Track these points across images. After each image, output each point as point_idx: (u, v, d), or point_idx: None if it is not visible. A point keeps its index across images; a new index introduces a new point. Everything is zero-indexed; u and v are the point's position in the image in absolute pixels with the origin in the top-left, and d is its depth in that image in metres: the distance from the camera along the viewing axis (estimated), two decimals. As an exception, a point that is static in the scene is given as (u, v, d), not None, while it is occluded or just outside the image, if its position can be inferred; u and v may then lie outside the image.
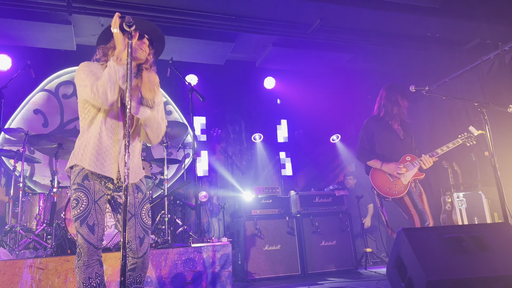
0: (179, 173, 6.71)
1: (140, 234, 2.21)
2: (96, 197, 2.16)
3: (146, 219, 2.27)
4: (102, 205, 2.19)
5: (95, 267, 2.11)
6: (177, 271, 3.54)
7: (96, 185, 2.18)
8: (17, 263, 3.19)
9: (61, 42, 5.78)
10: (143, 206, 2.28)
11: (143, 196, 2.31)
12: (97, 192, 2.17)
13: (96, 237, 2.10)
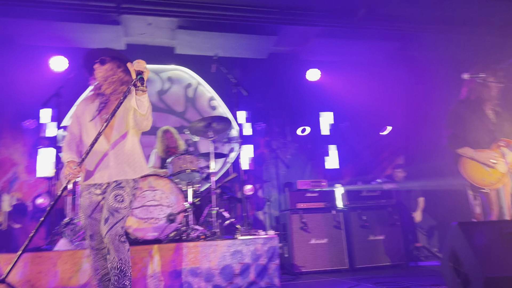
0: (225, 167, 6.81)
1: (106, 214, 2.54)
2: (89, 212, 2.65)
3: (111, 200, 2.56)
4: (97, 215, 2.64)
5: (100, 262, 2.66)
6: (226, 263, 3.61)
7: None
8: (77, 253, 3.39)
9: (111, 42, 6.01)
10: (112, 191, 2.58)
11: (117, 183, 2.61)
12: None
13: (95, 243, 2.65)
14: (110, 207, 2.54)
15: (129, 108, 2.69)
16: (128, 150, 2.71)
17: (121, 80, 2.80)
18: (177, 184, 4.11)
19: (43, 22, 5.39)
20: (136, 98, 2.59)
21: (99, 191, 2.67)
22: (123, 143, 2.70)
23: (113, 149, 2.68)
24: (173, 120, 6.73)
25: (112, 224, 2.51)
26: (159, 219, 3.94)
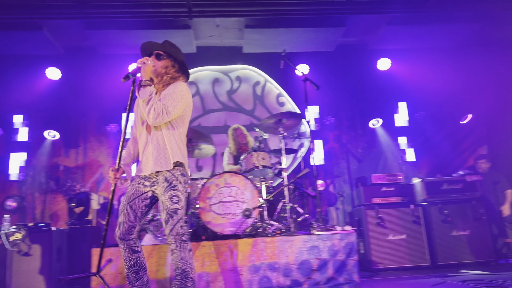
0: (295, 163, 6.81)
1: (165, 217, 2.60)
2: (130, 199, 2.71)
3: (168, 203, 2.60)
4: (136, 205, 2.70)
5: (128, 253, 2.68)
6: (303, 258, 3.62)
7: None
8: (162, 248, 3.59)
9: (182, 46, 6.16)
10: (166, 193, 2.62)
11: (168, 184, 2.64)
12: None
13: (121, 232, 2.67)
14: (168, 208, 2.59)
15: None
16: (163, 142, 2.73)
17: (174, 78, 2.82)
18: (251, 181, 4.19)
19: (122, 32, 5.76)
20: (140, 91, 2.68)
21: (148, 183, 2.72)
22: (159, 135, 2.73)
23: (152, 142, 2.72)
24: (243, 119, 6.86)
25: (173, 225, 2.59)
26: (235, 214, 4.04)
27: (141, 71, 2.67)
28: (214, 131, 6.83)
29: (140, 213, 2.71)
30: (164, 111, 2.60)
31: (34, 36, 5.71)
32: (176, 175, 2.66)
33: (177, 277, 2.56)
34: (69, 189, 6.63)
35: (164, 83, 2.78)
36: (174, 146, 2.71)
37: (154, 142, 2.71)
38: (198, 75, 7.02)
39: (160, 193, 2.67)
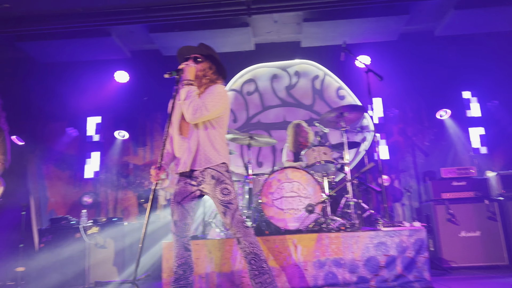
0: (358, 157, 6.64)
1: (222, 209, 2.68)
2: (179, 199, 2.80)
3: (220, 196, 2.69)
4: (186, 204, 2.80)
5: (180, 250, 2.78)
6: (369, 254, 3.52)
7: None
8: (228, 242, 3.67)
9: (241, 44, 6.36)
10: (217, 188, 2.71)
11: (216, 180, 2.72)
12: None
13: (177, 229, 2.78)
14: (223, 201, 2.67)
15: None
16: (204, 142, 2.78)
17: (212, 80, 2.88)
18: (313, 176, 4.15)
19: (182, 34, 5.95)
20: (181, 90, 2.75)
21: (195, 182, 2.79)
22: (199, 135, 2.78)
23: (192, 141, 2.78)
24: (302, 114, 6.81)
25: (232, 214, 2.66)
26: (298, 209, 4.03)
27: (184, 72, 2.77)
28: (273, 127, 6.85)
29: (191, 211, 2.83)
30: (202, 108, 2.66)
31: (104, 42, 6.07)
32: (221, 172, 2.75)
33: (251, 261, 2.61)
34: (138, 185, 6.99)
35: (203, 86, 2.85)
36: (215, 145, 2.78)
37: (194, 141, 2.78)
38: (257, 72, 7.07)
39: (209, 190, 2.74)
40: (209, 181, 2.73)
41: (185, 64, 2.78)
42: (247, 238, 2.64)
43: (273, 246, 3.61)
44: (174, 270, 2.80)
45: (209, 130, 2.78)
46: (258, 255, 2.63)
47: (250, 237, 2.66)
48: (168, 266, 3.65)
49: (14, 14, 5.24)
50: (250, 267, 2.62)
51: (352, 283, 3.46)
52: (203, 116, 2.68)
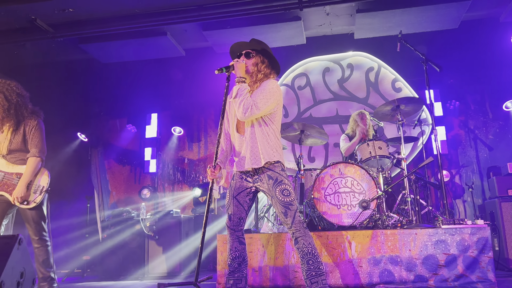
0: (415, 152, 6.39)
1: (282, 209, 2.68)
2: (235, 193, 2.85)
3: (280, 196, 2.69)
4: (241, 199, 2.84)
5: (235, 243, 2.84)
6: (428, 252, 3.39)
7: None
8: (281, 236, 3.69)
9: (292, 38, 6.32)
10: (276, 188, 2.71)
11: (274, 180, 2.72)
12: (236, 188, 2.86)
13: (232, 223, 2.83)
14: (283, 201, 2.68)
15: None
16: (257, 139, 2.78)
17: (265, 74, 2.87)
18: (367, 171, 4.05)
19: (234, 30, 6.02)
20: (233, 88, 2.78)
21: (250, 179, 2.83)
22: (252, 132, 2.80)
23: (246, 139, 2.81)
24: (355, 107, 6.66)
25: (293, 215, 2.67)
26: (352, 205, 3.96)
27: (235, 69, 2.81)
28: (326, 122, 6.76)
29: (246, 206, 2.87)
30: (253, 106, 2.67)
31: (159, 41, 6.29)
32: (277, 171, 2.75)
33: (309, 261, 2.63)
34: (193, 180, 7.20)
35: (256, 81, 2.85)
36: (269, 142, 2.78)
37: (248, 139, 2.80)
38: (308, 66, 6.99)
39: (266, 189, 2.76)
40: (266, 180, 2.75)
41: (236, 60, 2.82)
42: (306, 239, 2.66)
43: (327, 242, 3.58)
44: (228, 263, 2.86)
45: (262, 127, 2.80)
46: (316, 256, 2.65)
47: (309, 237, 2.68)
48: (222, 259, 3.73)
49: (77, 18, 5.57)
50: (307, 267, 2.63)
51: (409, 282, 3.35)
52: (254, 114, 2.69)
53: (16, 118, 3.47)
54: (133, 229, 5.49)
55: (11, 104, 3.44)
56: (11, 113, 3.44)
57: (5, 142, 3.47)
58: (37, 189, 3.43)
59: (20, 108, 3.49)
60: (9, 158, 3.47)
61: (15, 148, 3.47)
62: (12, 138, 3.47)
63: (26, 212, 3.41)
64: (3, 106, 3.41)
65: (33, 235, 3.43)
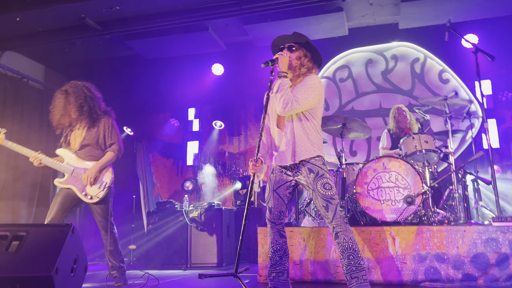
0: (464, 146, 6.13)
1: (323, 203, 2.66)
2: (275, 187, 2.86)
3: (322, 190, 2.67)
4: (281, 192, 2.84)
5: (276, 236, 2.85)
6: (477, 251, 3.25)
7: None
8: (322, 230, 3.67)
9: (334, 30, 6.21)
10: (318, 182, 2.69)
11: (315, 174, 2.71)
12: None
13: (272, 216, 2.85)
14: (325, 195, 2.66)
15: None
16: (298, 134, 2.76)
17: (308, 68, 2.83)
18: (413, 165, 3.93)
19: (274, 23, 5.99)
20: (274, 82, 2.74)
21: (290, 173, 2.82)
22: (294, 127, 2.77)
23: (286, 134, 2.79)
24: (400, 99, 6.46)
25: (334, 210, 2.64)
26: (396, 201, 3.86)
27: (278, 63, 2.77)
28: (368, 115, 6.61)
29: (286, 199, 2.87)
30: (293, 101, 2.65)
31: (201, 36, 6.38)
32: (318, 165, 2.73)
33: (350, 257, 2.60)
34: (233, 173, 7.29)
35: (299, 75, 2.82)
36: (309, 137, 2.76)
37: (288, 134, 2.79)
38: (350, 57, 6.85)
39: (307, 183, 2.74)
40: (306, 174, 2.74)
41: (280, 54, 2.80)
42: (347, 234, 2.63)
43: (369, 238, 3.51)
44: (270, 256, 2.88)
45: (303, 122, 2.78)
46: (356, 251, 2.62)
47: (349, 232, 2.65)
48: (263, 251, 3.76)
49: (123, 15, 5.75)
50: (348, 262, 2.60)
51: (457, 280, 3.23)
52: (294, 109, 2.68)
53: (90, 117, 3.69)
54: (176, 220, 5.65)
55: (85, 104, 3.65)
56: (85, 112, 3.66)
57: (79, 139, 3.71)
58: (101, 184, 3.61)
59: (94, 107, 3.71)
60: (80, 153, 3.68)
61: (87, 143, 3.69)
62: (86, 135, 3.70)
63: (93, 207, 3.64)
64: (77, 106, 3.64)
65: (101, 228, 3.67)
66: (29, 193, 5.99)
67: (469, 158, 4.21)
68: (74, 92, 3.65)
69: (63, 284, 2.45)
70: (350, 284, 2.59)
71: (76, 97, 3.64)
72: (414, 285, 3.32)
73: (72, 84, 3.72)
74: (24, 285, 2.34)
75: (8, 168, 5.69)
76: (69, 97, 3.65)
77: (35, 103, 6.28)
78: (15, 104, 5.94)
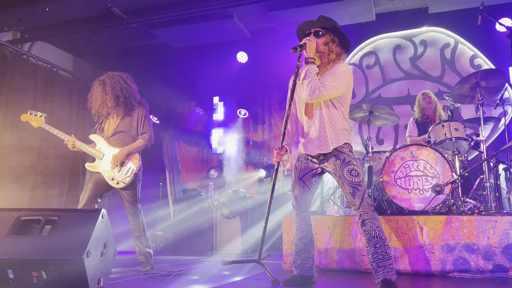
0: (496, 133, 5.93)
1: (350, 190, 2.61)
2: (301, 175, 2.84)
3: (348, 176, 2.63)
4: (307, 180, 2.83)
5: (301, 224, 2.88)
6: (509, 241, 3.15)
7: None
8: (348, 219, 3.64)
9: (361, 15, 6.06)
10: (344, 168, 2.64)
11: (342, 161, 2.67)
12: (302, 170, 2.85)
13: (298, 204, 2.86)
14: (352, 182, 2.62)
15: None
16: (327, 122, 2.71)
17: (337, 54, 2.76)
18: (442, 154, 3.83)
19: (300, 9, 5.90)
20: (301, 69, 2.69)
21: (316, 160, 2.80)
22: (322, 115, 2.72)
23: (314, 122, 2.75)
24: (429, 86, 6.28)
25: (361, 196, 2.59)
26: (424, 190, 3.78)
27: (306, 48, 2.71)
28: (396, 102, 6.46)
29: (311, 187, 2.86)
30: (320, 87, 2.60)
31: (226, 24, 6.34)
32: (345, 152, 2.69)
33: (376, 245, 2.56)
34: (258, 161, 7.30)
35: (329, 62, 2.75)
36: (337, 125, 2.71)
37: (316, 122, 2.74)
38: (377, 44, 6.69)
39: (333, 170, 2.71)
40: (333, 161, 2.70)
41: (308, 39, 2.74)
42: (374, 222, 2.59)
43: (396, 227, 3.46)
44: (295, 243, 2.89)
45: (331, 109, 2.73)
46: (383, 239, 2.58)
47: (376, 220, 2.61)
48: (288, 239, 3.76)
49: (149, 3, 5.78)
50: (374, 251, 2.56)
51: (487, 271, 3.15)
52: (321, 96, 2.63)
53: (125, 107, 3.79)
54: (202, 208, 5.72)
55: (121, 95, 3.76)
56: (121, 102, 3.76)
57: (112, 126, 3.82)
58: (128, 170, 3.69)
59: (129, 98, 3.81)
60: (112, 140, 3.79)
61: (120, 130, 3.79)
62: (120, 123, 3.81)
63: (121, 192, 3.74)
64: (114, 96, 3.75)
65: (129, 214, 3.77)
66: (60, 180, 6.17)
67: (502, 146, 4.07)
68: (111, 83, 3.75)
69: (94, 267, 2.52)
70: (376, 272, 2.56)
71: (113, 88, 3.74)
72: (442, 275, 3.26)
73: (110, 75, 3.81)
74: (57, 268, 2.42)
75: (40, 157, 5.87)
76: (106, 87, 3.75)
77: (64, 92, 6.43)
78: (46, 92, 6.10)
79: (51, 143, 5.91)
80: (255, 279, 3.14)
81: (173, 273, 3.40)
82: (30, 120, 3.73)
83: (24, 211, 2.71)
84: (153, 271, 3.61)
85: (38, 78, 6.02)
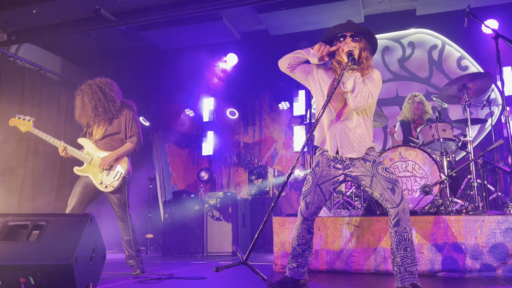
0: (483, 134, 6.01)
1: (388, 185, 2.53)
2: (320, 181, 2.73)
3: (384, 173, 2.58)
4: (325, 187, 2.73)
5: (303, 232, 2.79)
6: (496, 240, 3.19)
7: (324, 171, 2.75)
8: (337, 220, 3.65)
9: (349, 17, 6.04)
10: (377, 167, 2.61)
11: (372, 161, 2.63)
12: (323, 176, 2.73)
13: (307, 212, 2.74)
14: (389, 178, 2.56)
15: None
16: (359, 126, 2.68)
17: (371, 61, 2.74)
18: (430, 155, 3.87)
19: (290, 11, 5.92)
20: (345, 76, 2.60)
21: (340, 166, 2.71)
22: (354, 121, 2.68)
23: (345, 128, 2.69)
24: (417, 87, 6.35)
25: (401, 193, 2.53)
26: (413, 190, 3.82)
27: (354, 57, 2.58)
28: (385, 103, 6.52)
29: (327, 195, 2.76)
30: (370, 96, 2.57)
31: (215, 26, 6.35)
32: (373, 154, 2.69)
33: (407, 248, 2.47)
34: (248, 163, 7.30)
35: (368, 67, 2.69)
36: (368, 130, 2.71)
37: (353, 125, 2.69)
38: (366, 45, 6.74)
39: (362, 173, 2.64)
40: (361, 164, 2.65)
41: (353, 47, 2.62)
42: (409, 224, 2.50)
43: (385, 227, 3.49)
44: (293, 246, 2.85)
45: (363, 116, 2.71)
46: (413, 244, 2.50)
47: (410, 223, 2.51)
48: (279, 240, 3.77)
49: (138, 6, 5.76)
50: (404, 255, 2.46)
51: (475, 270, 3.19)
52: (368, 105, 2.62)
53: (105, 114, 3.72)
54: (192, 210, 5.71)
55: (99, 105, 3.67)
56: (100, 112, 3.69)
57: (101, 130, 3.78)
58: (116, 174, 3.66)
59: (109, 107, 3.72)
60: (100, 143, 3.75)
61: (108, 134, 3.76)
62: (108, 128, 3.78)
63: (109, 196, 3.70)
64: (91, 106, 3.67)
65: (117, 218, 3.74)
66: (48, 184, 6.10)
67: (489, 146, 4.13)
68: (87, 93, 3.68)
69: (83, 272, 2.50)
70: (402, 277, 2.46)
71: (90, 99, 3.67)
72: (431, 275, 3.29)
73: (88, 84, 3.74)
74: (45, 273, 2.39)
75: (27, 161, 5.81)
76: (84, 97, 3.70)
77: (52, 94, 6.37)
78: (33, 95, 6.04)
79: (40, 147, 5.85)
80: (247, 281, 3.14)
81: (163, 277, 3.38)
82: (18, 124, 3.68)
83: (11, 216, 2.67)
84: (143, 275, 3.58)
85: (26, 80, 5.95)
